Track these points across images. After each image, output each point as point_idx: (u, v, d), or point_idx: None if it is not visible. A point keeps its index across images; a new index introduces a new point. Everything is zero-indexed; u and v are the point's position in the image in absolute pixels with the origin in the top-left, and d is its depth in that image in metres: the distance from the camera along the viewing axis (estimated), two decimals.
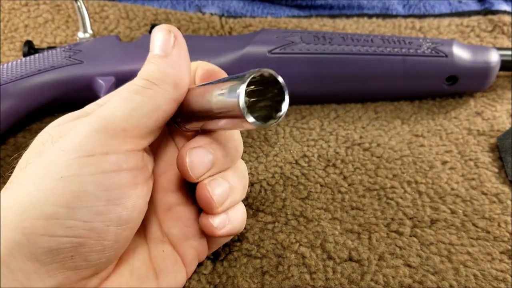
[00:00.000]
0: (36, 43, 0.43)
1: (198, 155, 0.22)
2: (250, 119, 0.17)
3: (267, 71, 0.18)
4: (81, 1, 0.38)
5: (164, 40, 0.22)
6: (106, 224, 0.19)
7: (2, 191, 0.19)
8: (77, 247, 0.18)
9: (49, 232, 0.18)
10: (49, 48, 0.37)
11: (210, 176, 0.23)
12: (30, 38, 0.44)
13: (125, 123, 0.20)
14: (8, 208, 0.18)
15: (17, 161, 0.21)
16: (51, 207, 0.18)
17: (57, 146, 0.19)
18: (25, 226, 0.17)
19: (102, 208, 0.19)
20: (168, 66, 0.21)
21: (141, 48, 0.36)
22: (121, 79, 0.34)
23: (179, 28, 0.45)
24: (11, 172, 0.21)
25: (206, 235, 0.25)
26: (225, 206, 0.23)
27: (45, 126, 0.36)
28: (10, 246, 0.17)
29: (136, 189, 0.20)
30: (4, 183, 0.31)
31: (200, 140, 0.23)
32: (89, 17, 0.39)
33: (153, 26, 0.39)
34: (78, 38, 0.38)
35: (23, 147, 0.34)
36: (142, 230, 0.24)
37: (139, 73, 0.22)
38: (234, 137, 0.24)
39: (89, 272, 0.20)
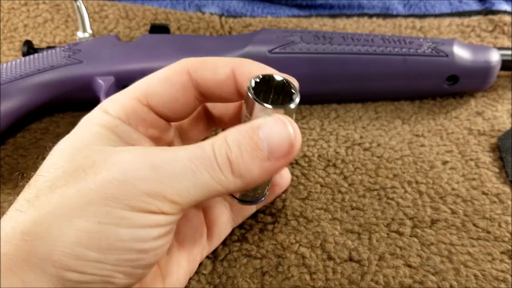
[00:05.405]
0: (36, 42, 0.43)
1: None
2: (259, 101, 0.20)
3: (275, 74, 0.21)
4: (80, 1, 0.38)
5: (283, 145, 0.19)
6: (134, 267, 0.19)
7: (28, 204, 0.18)
8: (105, 282, 0.18)
9: (78, 270, 0.17)
10: (49, 47, 0.37)
11: None
12: (29, 38, 0.44)
13: (170, 191, 0.18)
14: (38, 235, 0.17)
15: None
16: (83, 249, 0.17)
17: (98, 186, 0.18)
18: (55, 259, 0.17)
19: (134, 257, 0.18)
20: (261, 170, 0.19)
21: (141, 48, 0.36)
22: (121, 79, 0.34)
23: (178, 28, 0.45)
24: (30, 173, 0.20)
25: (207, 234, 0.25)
26: None
27: (44, 126, 0.36)
28: (39, 272, 0.17)
29: (168, 237, 0.20)
30: (4, 183, 0.31)
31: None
32: (89, 17, 0.38)
33: (152, 26, 0.39)
34: (77, 38, 0.38)
35: (22, 147, 0.34)
36: None
37: (226, 136, 0.19)
38: None
39: None
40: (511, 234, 0.28)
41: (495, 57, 0.38)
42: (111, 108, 0.22)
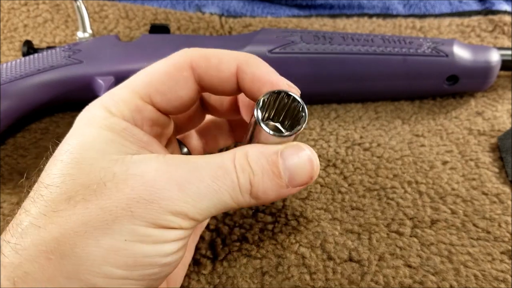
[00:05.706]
0: (36, 42, 0.43)
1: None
2: (266, 128, 0.19)
3: (284, 91, 0.20)
4: (80, 1, 0.38)
5: (303, 177, 0.20)
6: (155, 279, 0.19)
7: (45, 218, 0.18)
8: None
9: (104, 286, 0.18)
10: (49, 47, 0.37)
11: None
12: (29, 38, 0.44)
13: (193, 210, 0.19)
14: (62, 254, 0.17)
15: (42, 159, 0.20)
16: (110, 268, 0.17)
17: (124, 204, 0.18)
18: (81, 278, 0.17)
19: (156, 270, 0.19)
20: (277, 195, 0.20)
21: (141, 48, 0.36)
22: (121, 79, 0.34)
23: (178, 28, 0.45)
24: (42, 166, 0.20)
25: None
26: None
27: (44, 126, 0.36)
28: None
29: (185, 247, 0.20)
30: (4, 183, 0.31)
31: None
32: (89, 17, 0.38)
33: (152, 26, 0.39)
34: (77, 38, 0.38)
35: (22, 147, 0.34)
36: None
37: (247, 154, 0.20)
38: None
39: None
40: (511, 234, 0.28)
41: (495, 57, 0.38)
42: (114, 107, 0.21)
